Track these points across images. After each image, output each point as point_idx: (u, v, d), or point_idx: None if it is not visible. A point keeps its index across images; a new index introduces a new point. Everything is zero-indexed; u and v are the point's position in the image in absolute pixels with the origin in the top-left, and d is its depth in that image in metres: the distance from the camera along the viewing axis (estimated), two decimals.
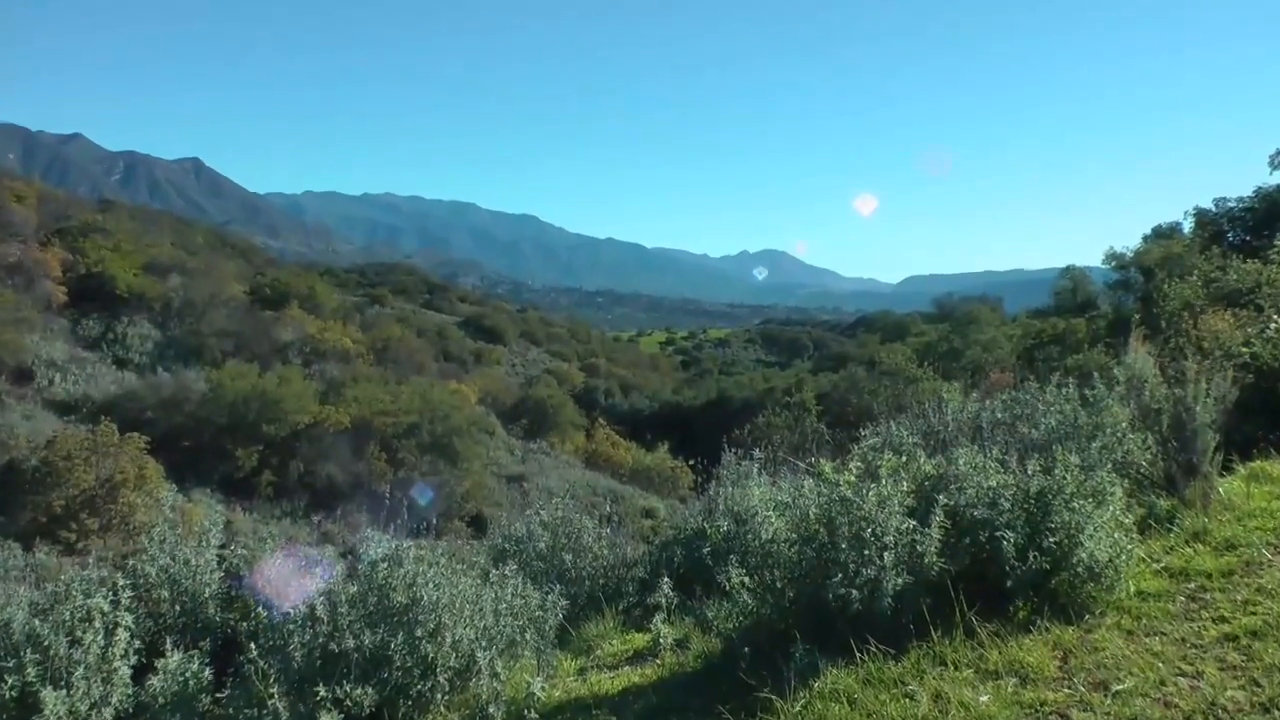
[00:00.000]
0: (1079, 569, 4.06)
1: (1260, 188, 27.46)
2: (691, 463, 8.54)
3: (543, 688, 4.19)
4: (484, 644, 4.22)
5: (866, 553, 3.91)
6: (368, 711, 3.94)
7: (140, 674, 3.97)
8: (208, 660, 4.04)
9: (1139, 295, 27.14)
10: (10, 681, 3.70)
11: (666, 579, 5.27)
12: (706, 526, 5.94)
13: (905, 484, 4.17)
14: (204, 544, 4.72)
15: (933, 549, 3.97)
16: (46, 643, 3.84)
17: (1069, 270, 37.00)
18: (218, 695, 4.03)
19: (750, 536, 4.36)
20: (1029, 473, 4.33)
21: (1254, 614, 3.83)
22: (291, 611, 4.06)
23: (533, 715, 4.03)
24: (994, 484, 4.25)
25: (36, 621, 3.92)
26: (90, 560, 4.78)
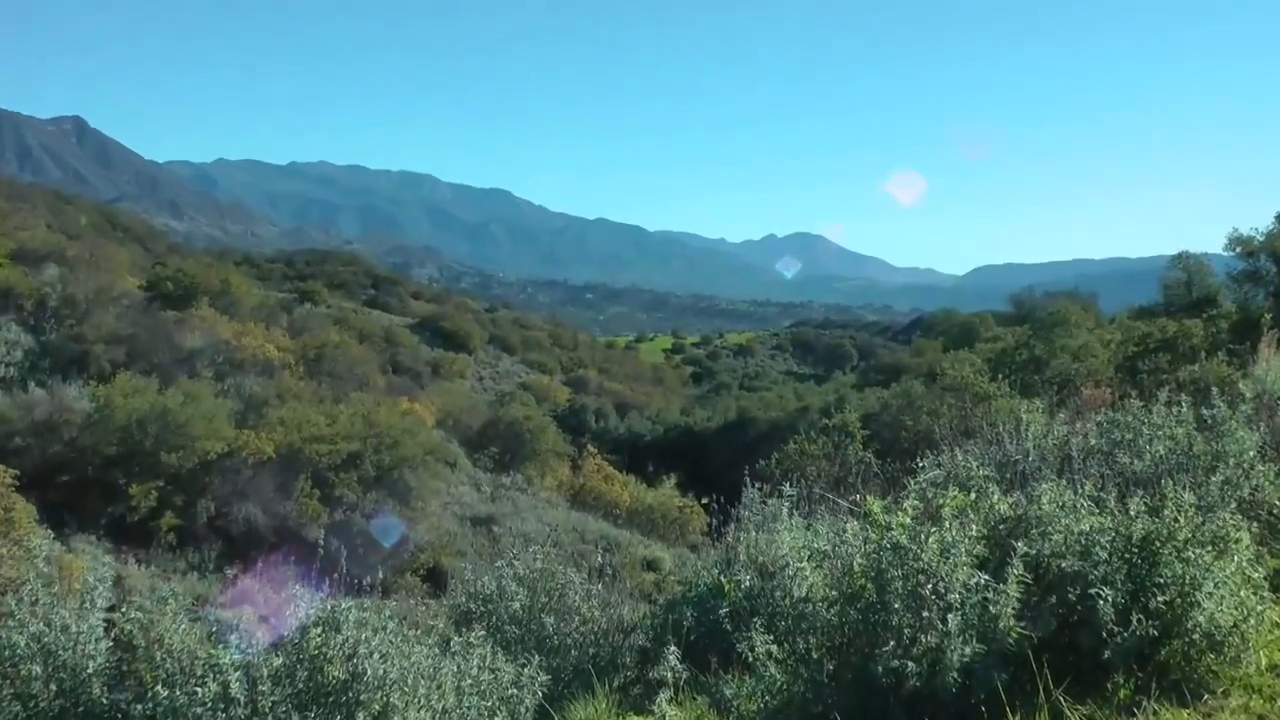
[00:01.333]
0: (1195, 636, 4.06)
1: None
2: (705, 501, 8.54)
3: None
4: None
5: (926, 615, 3.91)
6: None
7: None
8: None
9: (1271, 290, 27.15)
10: None
11: (673, 647, 5.26)
12: (724, 581, 5.93)
13: (974, 528, 4.17)
14: (88, 606, 4.71)
15: (1009, 610, 3.97)
16: None
17: (1182, 258, 37.03)
18: None
19: (779, 594, 4.36)
20: (1131, 514, 4.33)
21: None
22: (200, 690, 4.05)
23: None
24: (1087, 528, 4.26)
25: None
26: None
